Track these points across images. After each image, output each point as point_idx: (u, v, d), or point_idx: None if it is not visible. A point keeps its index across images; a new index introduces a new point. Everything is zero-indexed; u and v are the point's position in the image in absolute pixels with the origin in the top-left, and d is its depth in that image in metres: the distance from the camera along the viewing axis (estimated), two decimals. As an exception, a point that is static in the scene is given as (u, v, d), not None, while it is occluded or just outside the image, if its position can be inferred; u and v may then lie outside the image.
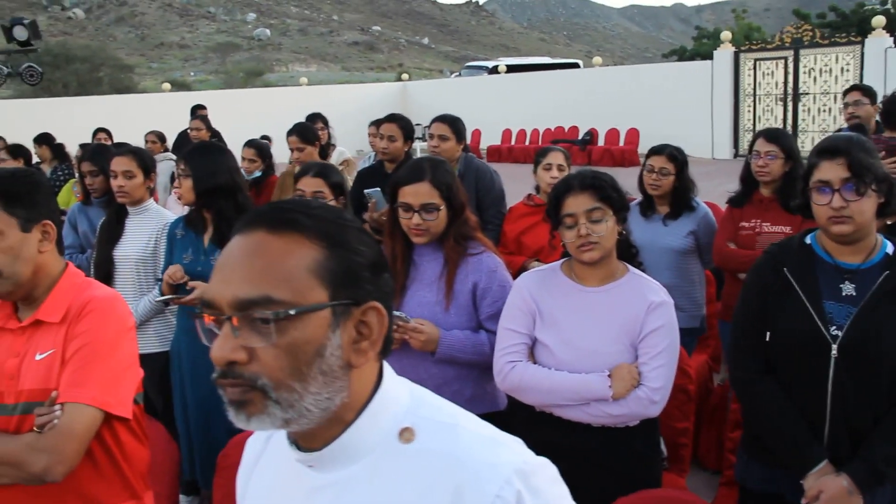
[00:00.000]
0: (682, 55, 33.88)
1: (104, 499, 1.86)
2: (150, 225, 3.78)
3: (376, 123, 6.10)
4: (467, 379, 2.70)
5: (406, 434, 1.03)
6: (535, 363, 2.51)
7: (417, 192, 2.61)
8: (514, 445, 1.04)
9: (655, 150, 4.04)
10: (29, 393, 1.80)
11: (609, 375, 2.38)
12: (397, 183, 2.69)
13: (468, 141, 5.23)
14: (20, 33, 10.92)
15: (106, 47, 39.90)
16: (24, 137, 7.60)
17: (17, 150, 6.34)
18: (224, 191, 3.38)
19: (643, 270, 2.59)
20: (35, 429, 1.73)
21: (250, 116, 18.38)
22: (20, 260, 1.82)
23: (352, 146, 7.36)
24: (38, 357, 1.82)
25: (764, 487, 2.48)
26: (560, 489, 1.04)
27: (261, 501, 1.16)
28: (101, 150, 4.41)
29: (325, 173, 3.44)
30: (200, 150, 3.47)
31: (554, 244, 2.63)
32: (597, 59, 24.74)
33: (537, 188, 4.27)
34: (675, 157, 3.97)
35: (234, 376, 0.96)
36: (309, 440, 1.04)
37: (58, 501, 1.80)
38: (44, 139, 8.13)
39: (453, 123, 4.41)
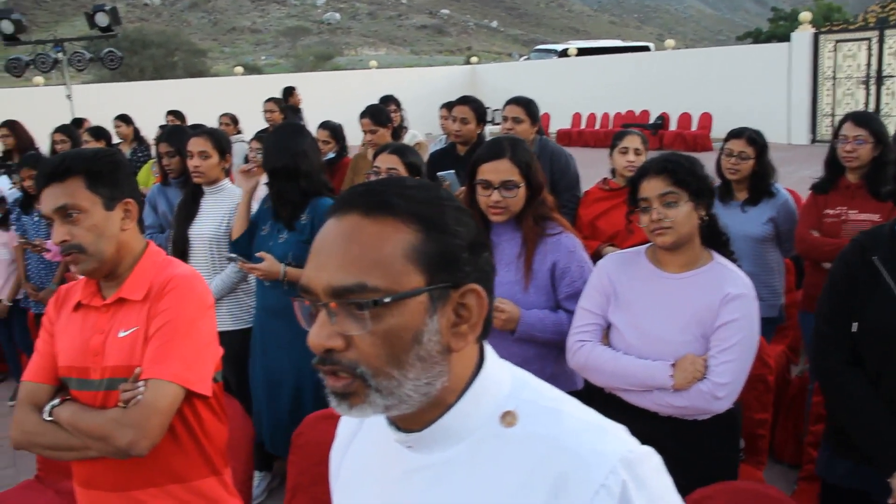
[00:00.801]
0: (758, 37, 32.97)
1: (185, 474, 1.90)
2: (224, 204, 3.84)
3: (448, 106, 6.09)
4: (547, 358, 2.71)
5: (508, 418, 1.01)
6: (608, 345, 2.50)
7: (497, 170, 2.61)
8: (619, 432, 1.01)
9: (734, 134, 3.93)
10: (113, 369, 1.84)
11: (673, 365, 2.34)
12: (477, 160, 2.69)
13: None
14: (101, 20, 11.24)
15: (180, 33, 40.72)
16: (104, 121, 7.79)
17: (99, 132, 6.52)
18: (285, 173, 3.42)
19: (733, 260, 2.52)
20: (120, 404, 1.77)
21: (321, 100, 18.52)
22: (104, 238, 1.86)
23: (421, 129, 7.35)
24: (121, 334, 1.86)
25: (848, 483, 2.40)
26: (665, 480, 1.02)
27: (355, 480, 1.15)
28: (177, 132, 4.49)
29: (401, 151, 3.46)
30: (275, 131, 3.52)
31: (631, 228, 2.60)
32: (669, 42, 24.24)
33: (613, 172, 4.21)
34: (755, 140, 3.86)
35: (331, 363, 0.95)
36: (408, 421, 1.03)
37: (141, 475, 1.85)
38: (127, 119, 8.34)
39: (527, 105, 4.37)
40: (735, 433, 2.55)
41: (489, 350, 1.07)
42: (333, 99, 18.89)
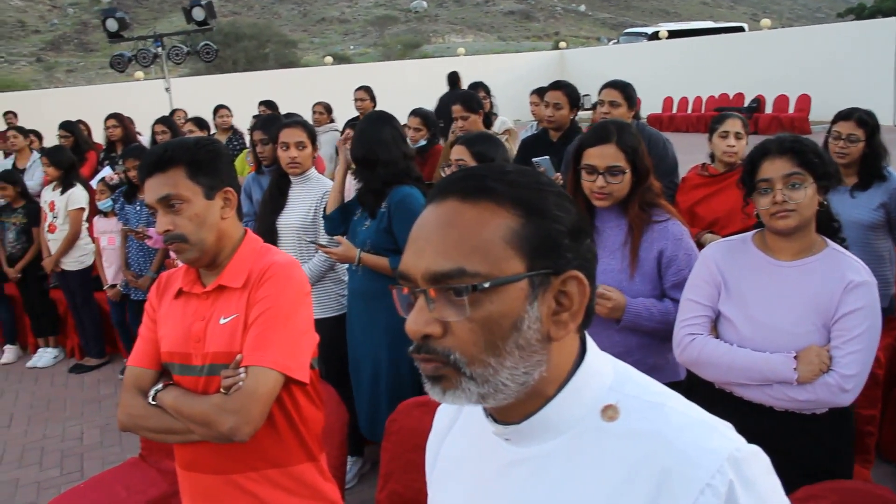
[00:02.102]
0: (861, 13, 31.46)
1: (283, 459, 1.92)
2: (311, 193, 3.88)
3: (539, 92, 6.02)
4: (649, 348, 2.63)
5: (609, 412, 0.97)
6: (717, 337, 2.40)
7: (603, 154, 2.55)
8: (725, 430, 0.96)
9: (843, 115, 3.73)
10: (214, 355, 1.86)
11: (795, 357, 2.22)
12: (582, 145, 2.63)
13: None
14: (198, 14, 11.56)
15: (271, 24, 41.54)
16: (200, 112, 8.01)
17: (200, 122, 6.71)
18: (365, 162, 3.43)
19: (845, 247, 2.39)
20: (221, 390, 1.80)
21: (410, 88, 18.63)
22: (205, 227, 1.88)
23: (509, 116, 7.30)
24: (222, 321, 1.88)
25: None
26: (773, 481, 0.96)
27: (452, 472, 1.14)
28: (271, 120, 4.55)
29: (468, 141, 3.37)
30: (365, 119, 3.53)
31: (748, 211, 2.47)
32: (765, 22, 23.41)
33: (712, 157, 4.07)
34: (865, 121, 3.66)
35: (427, 350, 0.93)
36: (506, 413, 1.01)
37: (240, 460, 1.88)
38: (226, 108, 8.55)
39: (624, 89, 4.27)
40: (851, 427, 2.41)
41: (590, 341, 1.04)
42: (423, 86, 18.94)
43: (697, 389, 2.50)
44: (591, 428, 0.98)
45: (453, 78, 10.50)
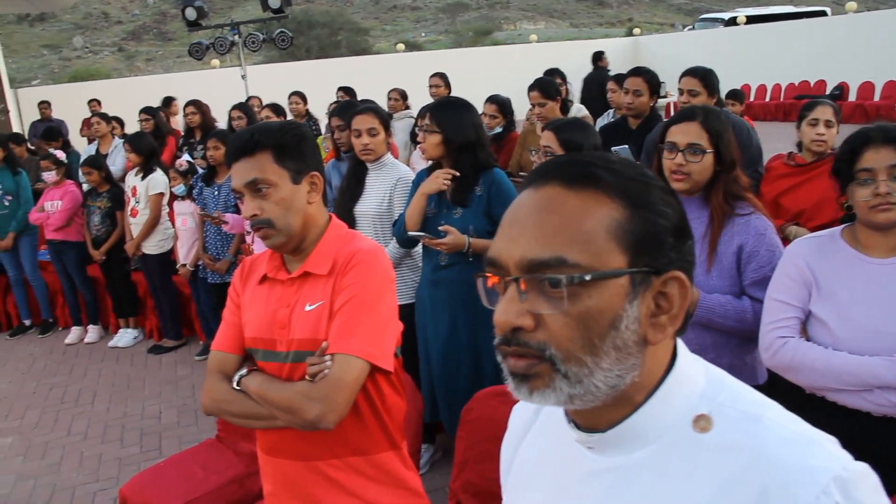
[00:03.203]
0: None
1: (366, 447, 1.91)
2: (387, 180, 3.86)
3: (617, 78, 5.89)
4: (725, 347, 2.53)
5: (702, 422, 0.91)
6: (807, 339, 2.27)
7: (686, 131, 2.48)
8: (829, 445, 0.88)
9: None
10: (299, 342, 1.85)
11: None
12: (667, 124, 2.57)
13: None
14: (274, 2, 11.67)
15: (343, 12, 41.87)
16: (275, 99, 8.09)
17: (277, 109, 6.79)
18: (468, 146, 3.39)
19: None
20: (307, 377, 1.79)
21: (482, 75, 18.57)
22: (291, 211, 1.87)
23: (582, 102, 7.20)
24: (307, 308, 1.86)
25: None
26: (883, 502, 0.88)
27: (529, 478, 1.09)
28: (349, 106, 4.55)
29: (556, 128, 3.33)
30: (446, 106, 3.47)
31: (842, 202, 2.34)
32: (850, 5, 22.49)
33: (799, 146, 3.92)
34: None
35: (518, 344, 0.87)
36: (590, 420, 0.95)
37: (324, 447, 1.87)
38: (302, 96, 8.64)
39: (704, 77, 4.13)
40: None
41: (682, 346, 0.98)
42: (495, 74, 18.87)
43: (781, 393, 2.39)
44: (681, 439, 0.91)
45: (596, 57, 10.44)
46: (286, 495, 1.93)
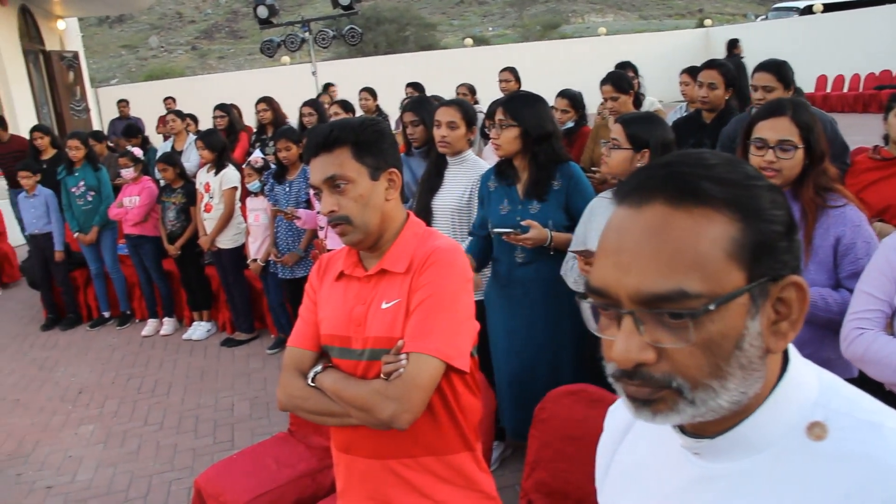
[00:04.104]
0: None
1: (440, 448, 1.89)
2: (467, 175, 3.84)
3: (690, 71, 5.77)
4: (823, 341, 2.46)
5: (816, 430, 0.86)
6: (893, 335, 2.19)
7: (775, 128, 2.41)
8: None
9: None
10: (375, 340, 1.84)
11: None
12: (754, 118, 2.49)
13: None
14: (344, -2, 11.78)
15: (411, 8, 42.02)
16: (345, 95, 8.18)
17: (346, 105, 6.83)
18: (545, 138, 3.36)
19: None
20: (382, 376, 1.78)
21: (551, 69, 18.43)
22: (369, 208, 1.85)
23: (654, 96, 7.05)
24: (383, 306, 1.85)
25: None
26: None
27: (629, 482, 1.05)
28: (422, 101, 4.54)
29: (627, 121, 3.26)
30: (521, 99, 3.43)
31: None
32: (938, -9, 21.57)
33: (886, 139, 3.76)
34: None
35: (642, 378, 0.83)
36: (698, 425, 0.91)
37: (398, 447, 1.85)
38: (373, 92, 8.69)
39: (778, 70, 3.96)
40: None
41: (793, 350, 0.93)
42: (564, 67, 18.71)
43: (869, 388, 2.30)
44: (794, 447, 0.87)
45: (731, 45, 10.31)
46: (359, 493, 1.93)
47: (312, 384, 1.89)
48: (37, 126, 8.64)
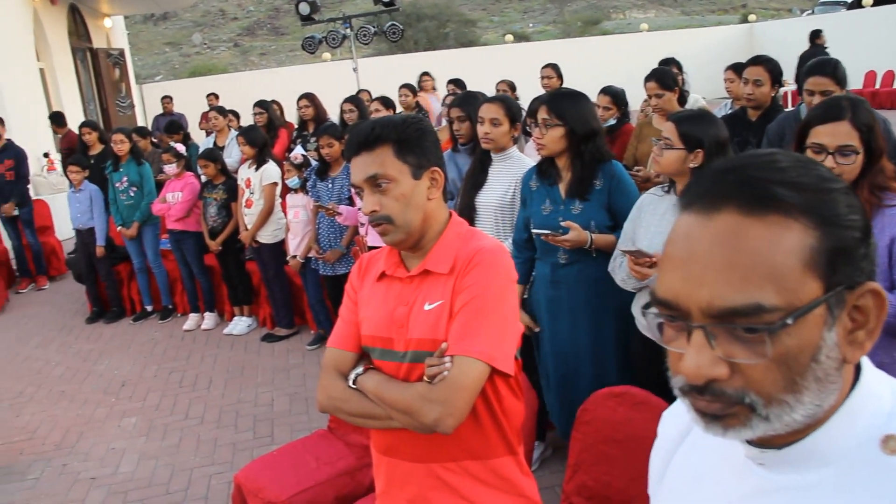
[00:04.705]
0: None
1: (483, 452, 1.85)
2: (511, 172, 3.80)
3: (735, 68, 5.66)
4: (878, 345, 2.37)
5: (892, 443, 0.82)
6: None
7: (835, 133, 2.34)
8: None
9: None
10: (418, 342, 1.81)
11: None
12: (810, 121, 2.41)
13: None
14: (386, -5, 11.81)
15: (451, 4, 41.94)
16: (384, 91, 8.16)
17: (387, 102, 6.83)
18: (590, 136, 3.32)
19: None
20: (425, 379, 1.74)
21: (592, 66, 18.28)
22: (411, 208, 1.82)
23: (696, 93, 6.92)
24: (426, 307, 1.82)
25: None
26: None
27: (686, 490, 1.02)
28: (469, 97, 4.51)
29: (679, 119, 3.19)
30: (565, 96, 3.39)
31: None
32: None
33: (941, 136, 3.65)
34: None
35: (713, 394, 0.80)
36: (765, 436, 0.87)
37: (440, 450, 1.82)
38: (412, 88, 8.69)
39: (834, 73, 3.80)
40: None
41: (865, 360, 0.88)
42: (603, 65, 18.54)
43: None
44: (866, 460, 0.82)
45: (814, 35, 10.19)
46: (399, 496, 1.90)
47: (353, 386, 1.86)
48: (85, 122, 8.79)
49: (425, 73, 10.36)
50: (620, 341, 3.38)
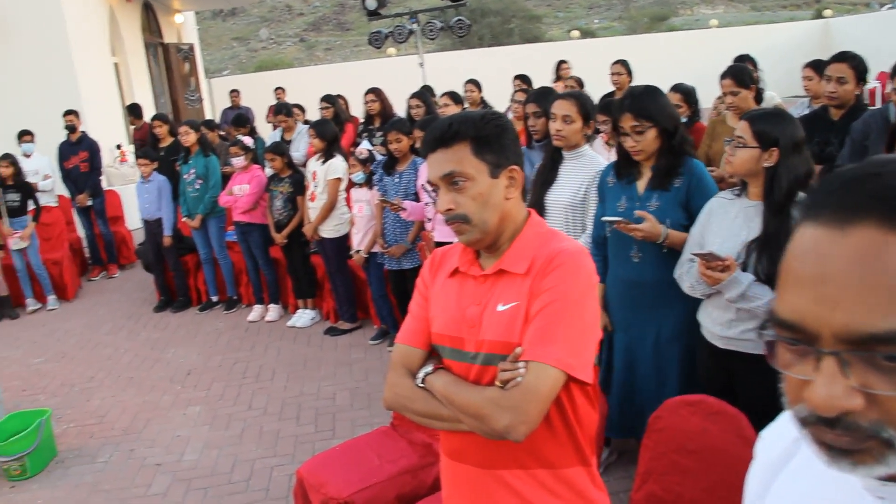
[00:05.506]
0: None
1: (554, 461, 1.78)
2: (583, 170, 3.73)
3: (814, 65, 5.47)
4: None
5: None
6: None
7: None
8: None
9: None
10: (490, 344, 1.74)
11: None
12: None
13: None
14: (451, -11, 11.75)
15: (517, 0, 41.75)
16: (448, 87, 8.12)
17: (455, 97, 6.80)
18: (675, 129, 3.25)
19: None
20: (497, 384, 1.68)
21: (659, 63, 17.93)
22: (488, 207, 1.76)
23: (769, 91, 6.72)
24: (500, 308, 1.75)
25: None
26: None
27: None
28: (545, 93, 4.45)
29: (753, 118, 3.08)
30: (648, 94, 3.29)
31: None
32: None
33: None
34: None
35: (845, 427, 0.72)
36: None
37: (510, 457, 1.76)
38: (478, 84, 8.64)
39: None
40: None
41: None
42: (671, 62, 18.20)
43: None
44: None
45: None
46: (465, 501, 1.85)
47: (421, 385, 1.80)
48: (157, 115, 8.99)
49: (563, 62, 10.19)
50: (685, 349, 3.29)
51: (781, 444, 1.00)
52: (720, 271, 2.75)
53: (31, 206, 8.12)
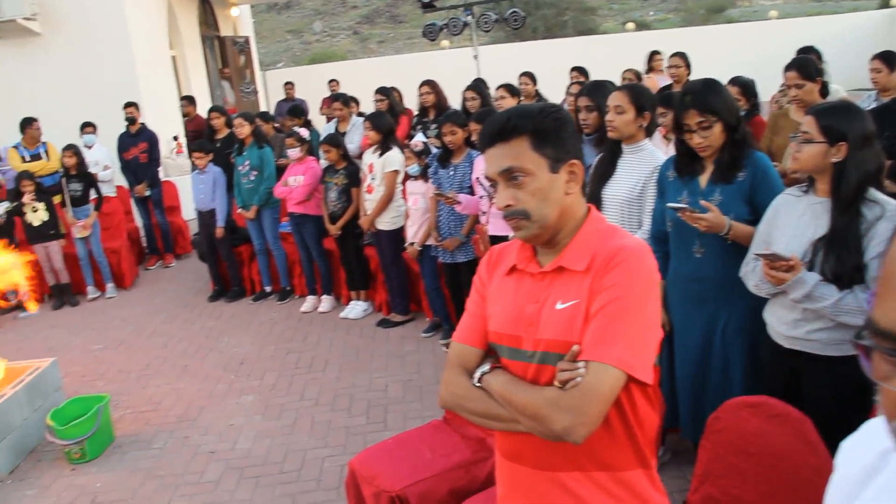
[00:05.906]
0: None
1: (615, 464, 1.73)
2: (641, 165, 3.66)
3: (885, 57, 5.28)
4: None
5: None
6: None
7: None
8: None
9: None
10: (548, 343, 1.70)
11: None
12: None
13: None
14: (507, -20, 11.68)
15: (570, -9, 41.37)
16: (502, 79, 8.06)
17: (513, 90, 6.74)
18: (738, 123, 3.18)
19: None
20: (556, 384, 1.64)
21: (717, 55, 17.60)
22: (547, 202, 1.71)
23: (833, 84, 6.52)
24: (558, 306, 1.71)
25: None
26: None
27: None
28: (598, 87, 4.40)
29: (819, 112, 2.96)
30: (709, 89, 3.22)
31: None
32: None
33: None
34: None
35: None
36: None
37: (568, 459, 1.72)
38: (532, 76, 8.57)
39: None
40: None
41: None
42: (729, 54, 17.82)
43: None
44: None
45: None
46: (522, 503, 1.82)
47: (478, 384, 1.77)
48: (214, 107, 9.12)
49: (656, 52, 10.07)
50: (749, 347, 3.21)
51: (867, 457, 0.95)
52: (784, 271, 2.68)
53: (92, 195, 8.31)
